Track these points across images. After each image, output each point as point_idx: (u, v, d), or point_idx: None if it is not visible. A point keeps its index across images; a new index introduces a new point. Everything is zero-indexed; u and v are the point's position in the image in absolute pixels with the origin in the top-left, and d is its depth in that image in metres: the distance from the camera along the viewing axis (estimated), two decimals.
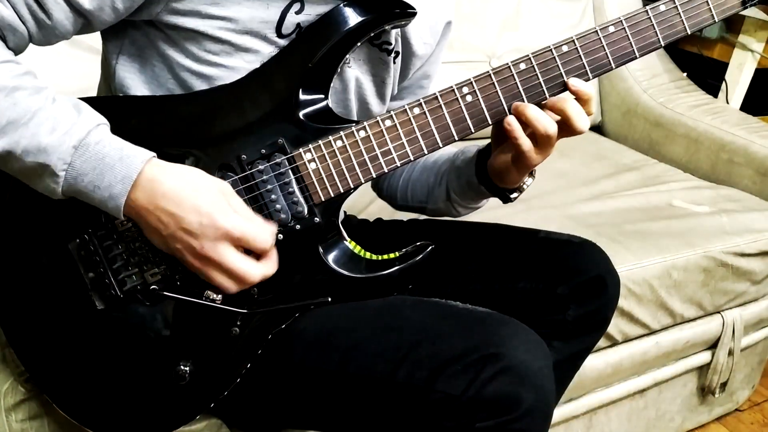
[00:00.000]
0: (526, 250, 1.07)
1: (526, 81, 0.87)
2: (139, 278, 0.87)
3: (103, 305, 0.88)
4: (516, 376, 0.80)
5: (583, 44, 0.87)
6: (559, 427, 1.51)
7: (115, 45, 0.89)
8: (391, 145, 0.87)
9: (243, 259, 0.80)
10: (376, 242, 1.00)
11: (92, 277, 0.87)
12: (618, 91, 2.20)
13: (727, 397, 1.83)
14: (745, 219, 1.66)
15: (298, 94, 0.86)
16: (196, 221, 0.77)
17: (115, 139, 0.79)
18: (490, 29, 2.02)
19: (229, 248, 0.79)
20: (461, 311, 0.91)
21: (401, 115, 0.87)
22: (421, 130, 0.87)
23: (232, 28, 0.84)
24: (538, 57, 0.87)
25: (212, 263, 0.79)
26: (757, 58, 2.19)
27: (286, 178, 0.86)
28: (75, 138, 0.76)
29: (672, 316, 1.53)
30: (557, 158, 1.96)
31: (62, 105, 0.78)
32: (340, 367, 0.86)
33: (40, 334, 0.90)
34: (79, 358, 0.90)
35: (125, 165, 0.77)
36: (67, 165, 0.76)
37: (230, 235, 0.78)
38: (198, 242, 0.78)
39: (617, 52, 0.87)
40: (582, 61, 0.87)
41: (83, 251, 0.87)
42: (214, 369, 0.89)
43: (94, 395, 0.91)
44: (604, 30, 0.87)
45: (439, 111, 0.87)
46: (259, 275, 0.81)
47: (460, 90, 0.87)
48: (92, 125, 0.77)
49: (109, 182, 0.76)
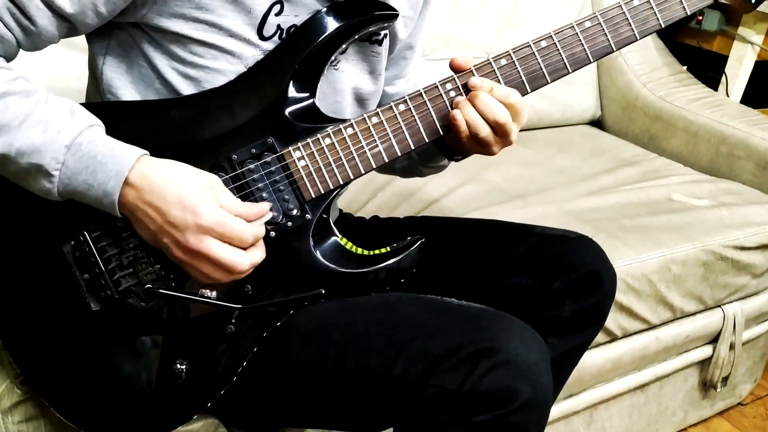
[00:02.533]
0: (521, 246, 1.07)
1: (507, 76, 0.91)
2: (134, 278, 0.87)
3: (98, 306, 0.88)
4: (512, 370, 0.80)
5: (560, 39, 0.91)
6: (559, 423, 1.51)
7: (101, 46, 0.90)
8: (378, 141, 0.90)
9: (229, 249, 0.80)
10: (371, 239, 1.00)
11: (87, 279, 0.88)
12: (617, 86, 2.20)
13: (730, 391, 1.82)
14: (745, 212, 1.65)
15: (286, 95, 0.88)
16: (180, 215, 0.78)
17: (108, 139, 0.80)
18: (487, 26, 2.02)
19: (213, 241, 0.79)
20: (457, 307, 0.91)
21: (387, 111, 0.89)
22: (407, 125, 0.90)
23: (216, 31, 0.85)
24: (518, 53, 0.90)
25: (199, 256, 0.79)
26: (756, 51, 2.18)
27: (276, 176, 0.88)
28: (67, 137, 0.77)
29: (672, 310, 1.53)
30: (556, 153, 1.97)
31: (55, 107, 0.79)
32: (336, 362, 0.87)
33: (35, 336, 0.90)
34: (74, 359, 0.90)
35: (117, 162, 0.78)
36: (60, 164, 0.77)
37: (213, 230, 0.79)
38: (183, 236, 0.78)
39: (595, 46, 0.92)
40: (561, 56, 0.91)
41: (78, 253, 0.87)
42: (210, 367, 0.89)
43: (90, 397, 0.91)
44: (580, 25, 0.91)
45: (424, 107, 0.90)
46: (247, 264, 0.81)
47: (443, 86, 0.90)
48: (84, 125, 0.79)
49: (102, 180, 0.78)
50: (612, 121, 2.23)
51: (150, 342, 0.89)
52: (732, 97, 2.21)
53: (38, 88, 0.80)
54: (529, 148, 1.97)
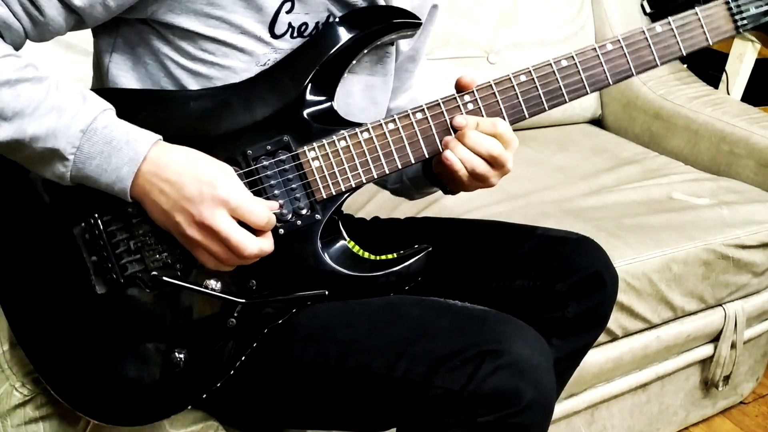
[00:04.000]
0: (522, 248, 1.07)
1: (526, 92, 0.91)
2: (141, 264, 0.88)
3: (104, 289, 0.89)
4: (516, 371, 0.80)
5: (581, 60, 0.91)
6: (561, 423, 1.51)
7: (107, 43, 0.90)
8: (393, 147, 0.90)
9: (240, 229, 0.80)
10: (373, 241, 1.00)
11: (95, 261, 0.88)
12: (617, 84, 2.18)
13: (731, 390, 1.82)
14: (746, 210, 1.65)
15: (305, 95, 0.89)
16: (197, 188, 0.79)
17: (122, 123, 0.80)
18: (486, 24, 2.01)
19: (227, 217, 0.79)
20: (459, 309, 0.91)
21: (404, 119, 0.90)
22: (423, 134, 0.91)
23: (227, 28, 0.85)
24: (538, 70, 0.91)
25: (209, 232, 0.79)
26: (757, 48, 2.17)
27: (289, 174, 0.88)
28: (83, 122, 0.78)
29: (673, 309, 1.52)
30: (556, 152, 1.97)
31: (67, 92, 0.80)
32: (338, 362, 0.87)
33: (40, 315, 0.91)
34: (76, 341, 0.91)
35: (132, 148, 0.79)
36: (76, 149, 0.78)
37: (228, 203, 0.79)
38: (197, 209, 0.79)
39: (614, 69, 0.93)
40: (580, 76, 0.91)
41: (87, 235, 0.88)
42: (208, 359, 0.89)
43: (89, 379, 0.91)
44: (602, 47, 0.92)
45: (441, 117, 0.91)
46: (255, 248, 0.81)
47: (461, 98, 0.91)
48: (98, 110, 0.79)
49: (116, 165, 0.79)
50: (612, 120, 2.23)
51: (151, 329, 0.89)
52: (732, 95, 2.21)
53: (49, 74, 0.80)
54: (529, 147, 1.96)
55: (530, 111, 0.92)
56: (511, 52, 2.01)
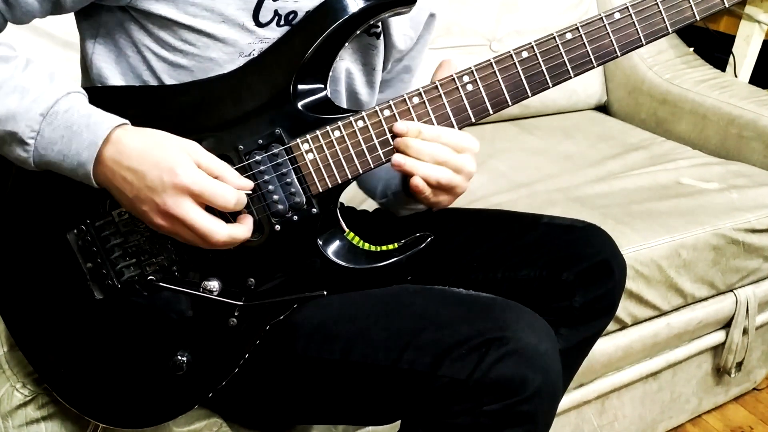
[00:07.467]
0: (529, 237, 1.05)
1: (528, 69, 0.86)
2: (137, 269, 0.87)
3: (101, 295, 0.88)
4: (522, 359, 0.79)
5: (587, 31, 0.86)
6: (571, 413, 1.49)
7: (90, 34, 0.88)
8: (389, 135, 0.86)
9: (207, 217, 0.78)
10: (375, 232, 0.99)
11: (90, 267, 0.87)
12: (623, 70, 2.17)
13: (744, 377, 1.81)
14: (755, 194, 1.63)
15: (296, 84, 0.85)
16: (158, 176, 0.76)
17: (85, 107, 0.78)
18: (488, 12, 1.99)
19: (191, 204, 0.77)
20: (464, 297, 0.90)
21: (400, 104, 0.86)
22: (421, 119, 0.86)
23: (208, 16, 0.83)
24: (540, 45, 0.86)
25: (177, 221, 0.77)
26: (764, 30, 2.15)
27: (283, 168, 0.85)
28: (43, 106, 0.76)
29: (683, 296, 1.51)
30: (562, 140, 1.95)
31: (34, 73, 0.77)
32: (342, 356, 0.86)
33: (40, 322, 0.90)
34: (78, 347, 0.90)
35: (92, 131, 0.76)
36: (35, 133, 0.76)
37: (190, 189, 0.76)
38: (160, 198, 0.76)
39: (623, 39, 0.86)
40: (586, 48, 0.86)
41: (81, 241, 0.87)
42: (211, 360, 0.89)
43: (94, 384, 0.91)
44: (609, 17, 0.86)
45: (439, 100, 0.86)
46: (225, 234, 0.79)
47: (460, 79, 0.86)
48: (62, 93, 0.77)
49: (76, 150, 0.76)
50: (618, 106, 2.21)
51: (153, 333, 0.88)
52: (740, 77, 2.19)
53: (18, 54, 0.78)
54: (534, 135, 1.95)
55: (533, 89, 0.87)
56: (513, 39, 1.99)
